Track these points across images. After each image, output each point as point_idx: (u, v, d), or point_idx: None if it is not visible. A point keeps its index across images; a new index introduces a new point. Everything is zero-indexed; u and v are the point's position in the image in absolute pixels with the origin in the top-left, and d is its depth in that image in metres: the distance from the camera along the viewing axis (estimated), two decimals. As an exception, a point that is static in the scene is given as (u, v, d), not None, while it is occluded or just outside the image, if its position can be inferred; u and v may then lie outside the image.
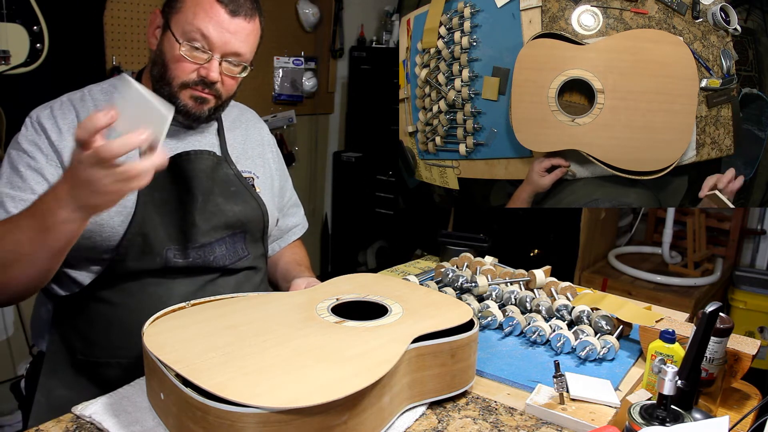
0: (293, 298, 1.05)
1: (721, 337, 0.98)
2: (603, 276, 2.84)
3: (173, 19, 1.09)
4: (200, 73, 1.09)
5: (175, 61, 1.08)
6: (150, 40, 1.13)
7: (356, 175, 3.59)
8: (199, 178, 1.16)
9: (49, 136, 1.07)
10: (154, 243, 1.10)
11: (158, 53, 1.11)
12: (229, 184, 1.20)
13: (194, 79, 1.10)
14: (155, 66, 1.12)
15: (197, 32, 1.07)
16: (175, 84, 1.10)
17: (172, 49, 1.08)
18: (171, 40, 1.08)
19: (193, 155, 1.16)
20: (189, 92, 1.11)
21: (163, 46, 1.10)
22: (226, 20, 1.08)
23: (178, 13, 1.08)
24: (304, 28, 3.28)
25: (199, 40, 1.07)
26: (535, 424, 0.92)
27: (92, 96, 1.15)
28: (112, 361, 1.11)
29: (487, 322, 1.24)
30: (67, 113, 1.10)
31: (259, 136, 1.35)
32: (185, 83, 1.10)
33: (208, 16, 1.07)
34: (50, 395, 1.13)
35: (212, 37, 1.07)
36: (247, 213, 1.21)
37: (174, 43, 1.08)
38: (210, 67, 1.09)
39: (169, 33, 1.08)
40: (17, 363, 2.27)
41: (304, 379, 0.77)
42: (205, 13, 1.07)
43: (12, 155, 1.08)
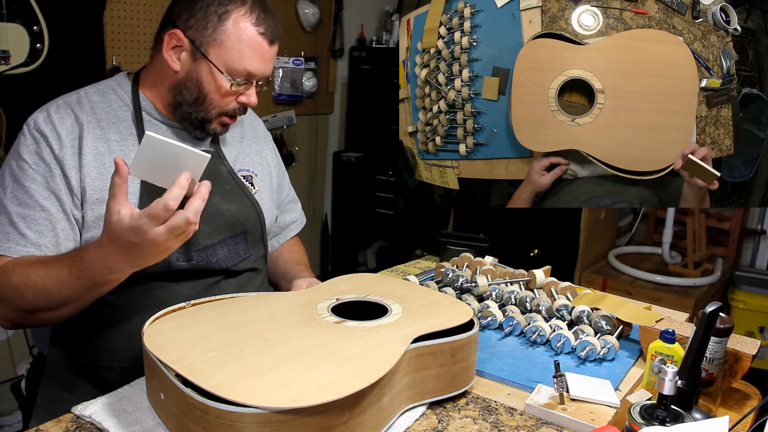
0: (293, 298, 1.05)
1: (721, 337, 0.98)
2: (603, 276, 2.84)
3: (213, 52, 1.07)
4: (240, 101, 1.12)
5: (217, 92, 1.10)
6: (168, 60, 1.10)
7: (356, 175, 3.59)
8: (199, 178, 1.16)
9: (50, 144, 1.06)
10: None
11: (191, 80, 1.10)
12: (223, 183, 1.19)
13: (234, 107, 1.13)
14: (186, 91, 1.10)
15: (245, 69, 1.08)
16: (213, 113, 1.12)
17: (215, 81, 1.09)
18: (213, 72, 1.08)
19: None
20: (222, 119, 1.14)
21: (200, 75, 1.09)
22: (267, 51, 1.10)
23: (221, 47, 1.07)
24: (304, 28, 3.28)
25: (245, 76, 1.09)
26: (535, 424, 0.92)
27: (88, 98, 1.13)
28: (115, 364, 1.11)
29: (487, 322, 1.24)
30: (65, 117, 1.08)
31: (256, 134, 1.35)
32: (224, 112, 1.13)
33: (254, 51, 1.08)
34: (52, 399, 1.13)
35: (258, 70, 1.10)
36: (243, 212, 1.21)
37: (218, 76, 1.08)
38: (250, 95, 1.12)
39: (208, 64, 1.08)
40: (17, 363, 2.27)
41: (304, 379, 0.77)
42: (252, 51, 1.08)
43: (14, 167, 1.06)
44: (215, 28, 1.07)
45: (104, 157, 1.08)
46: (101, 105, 1.12)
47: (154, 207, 0.83)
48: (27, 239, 1.04)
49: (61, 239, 1.06)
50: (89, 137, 1.08)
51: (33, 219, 1.04)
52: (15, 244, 1.03)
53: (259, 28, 1.08)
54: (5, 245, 1.03)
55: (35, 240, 1.04)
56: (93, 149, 1.08)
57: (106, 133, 1.10)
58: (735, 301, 2.92)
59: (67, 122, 1.08)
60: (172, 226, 0.85)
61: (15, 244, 1.03)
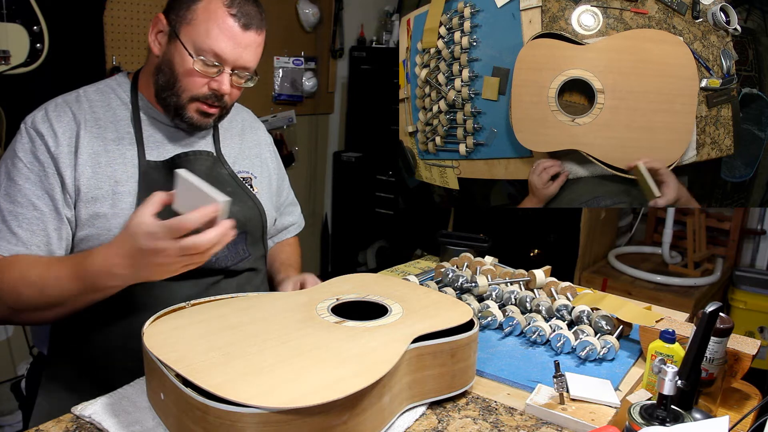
0: (293, 298, 1.05)
1: (721, 337, 0.98)
2: (603, 276, 2.84)
3: (183, 30, 1.07)
4: (211, 87, 1.10)
5: (186, 74, 1.08)
6: (152, 44, 1.11)
7: (356, 175, 3.59)
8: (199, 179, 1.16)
9: (45, 142, 1.06)
10: None
11: (165, 62, 1.10)
12: (225, 185, 1.20)
13: (205, 92, 1.10)
14: (161, 74, 1.10)
15: (210, 48, 1.06)
16: (184, 97, 1.10)
17: (183, 61, 1.07)
18: (181, 52, 1.07)
19: (192, 156, 1.16)
20: (196, 105, 1.11)
21: (172, 57, 1.08)
22: (239, 34, 1.07)
23: (189, 25, 1.06)
24: (304, 28, 3.28)
25: (211, 55, 1.07)
26: (535, 424, 0.92)
27: (87, 97, 1.13)
28: (116, 364, 1.11)
29: (487, 322, 1.24)
30: (63, 115, 1.09)
31: (256, 136, 1.35)
32: (195, 96, 1.10)
33: (222, 31, 1.06)
34: (52, 398, 1.13)
35: (225, 52, 1.07)
36: (245, 213, 1.21)
37: (185, 56, 1.07)
38: (221, 81, 1.09)
39: (179, 44, 1.07)
40: (17, 363, 2.27)
41: (304, 379, 0.77)
42: (219, 29, 1.06)
43: (9, 165, 1.07)
44: (188, 8, 1.07)
45: (99, 156, 1.08)
46: (100, 104, 1.13)
47: (173, 221, 0.86)
48: (17, 237, 1.04)
49: (52, 239, 1.06)
50: (86, 136, 1.08)
51: (25, 218, 1.04)
52: (6, 243, 1.03)
53: (231, 9, 1.06)
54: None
55: (26, 239, 1.04)
56: (89, 148, 1.08)
57: (103, 132, 1.10)
58: (735, 301, 2.92)
59: (64, 120, 1.08)
60: (183, 245, 0.86)
61: (6, 243, 1.03)
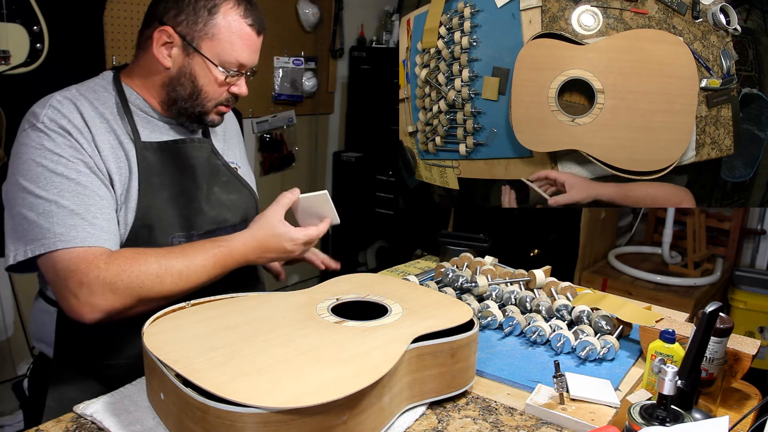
0: (293, 297, 1.05)
1: (721, 337, 0.98)
2: (603, 276, 2.84)
3: (206, 46, 1.10)
4: (231, 91, 1.16)
5: (211, 84, 1.13)
6: (161, 58, 1.10)
7: (356, 175, 3.59)
8: (202, 165, 1.18)
9: (75, 137, 1.04)
10: (159, 233, 1.11)
11: (185, 75, 1.11)
12: (220, 175, 1.23)
13: (226, 97, 1.17)
14: (180, 86, 1.12)
15: (236, 60, 1.12)
16: (210, 105, 1.15)
17: (208, 73, 1.12)
18: (204, 65, 1.11)
19: (190, 142, 1.18)
20: (217, 109, 1.18)
21: (193, 70, 1.11)
22: (255, 41, 1.15)
23: (213, 41, 1.09)
24: (304, 28, 3.28)
25: (236, 65, 1.13)
26: (535, 424, 0.92)
27: (83, 95, 1.11)
28: (122, 362, 1.11)
29: (487, 322, 1.24)
30: (74, 112, 1.07)
31: (235, 127, 1.38)
32: (219, 102, 1.16)
33: (244, 42, 1.12)
34: (63, 400, 1.12)
35: (247, 60, 1.14)
36: (243, 201, 1.25)
37: (211, 68, 1.11)
38: (241, 84, 1.16)
39: (200, 58, 1.10)
40: (17, 363, 2.27)
41: (304, 379, 0.77)
42: (243, 42, 1.11)
43: (49, 165, 1.02)
44: (206, 23, 1.09)
45: (117, 150, 1.09)
46: (98, 101, 1.12)
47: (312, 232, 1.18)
48: (98, 228, 1.03)
49: (120, 224, 1.08)
50: (99, 132, 1.08)
51: (97, 207, 1.03)
52: (89, 236, 1.01)
53: (247, 20, 1.12)
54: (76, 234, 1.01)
55: (106, 227, 1.04)
56: (106, 143, 1.08)
57: (111, 125, 1.10)
58: (735, 301, 2.91)
59: (77, 116, 1.07)
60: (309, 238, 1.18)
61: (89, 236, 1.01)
